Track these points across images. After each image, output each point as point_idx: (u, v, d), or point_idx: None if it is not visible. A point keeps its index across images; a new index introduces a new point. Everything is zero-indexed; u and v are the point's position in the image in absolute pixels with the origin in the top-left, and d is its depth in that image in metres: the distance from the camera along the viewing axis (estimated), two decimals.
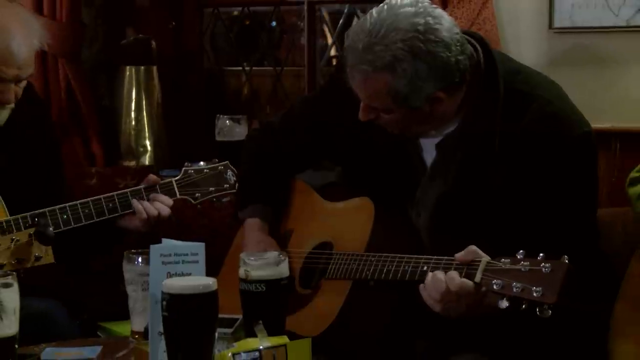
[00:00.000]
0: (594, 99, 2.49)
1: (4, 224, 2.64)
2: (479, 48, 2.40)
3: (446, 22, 2.30)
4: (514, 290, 2.08)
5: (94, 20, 3.95)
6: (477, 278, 2.15)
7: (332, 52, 4.04)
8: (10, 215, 2.67)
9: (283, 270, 2.25)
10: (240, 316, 2.27)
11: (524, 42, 3.02)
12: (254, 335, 2.15)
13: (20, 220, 2.65)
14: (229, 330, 2.29)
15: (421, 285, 2.23)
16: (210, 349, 1.93)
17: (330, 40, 4.03)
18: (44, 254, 2.43)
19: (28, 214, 2.67)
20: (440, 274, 2.19)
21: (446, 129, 2.43)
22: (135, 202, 2.74)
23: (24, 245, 2.41)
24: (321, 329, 2.45)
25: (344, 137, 2.60)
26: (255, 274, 2.22)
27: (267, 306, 2.21)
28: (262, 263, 2.23)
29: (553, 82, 2.46)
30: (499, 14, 3.13)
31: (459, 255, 2.19)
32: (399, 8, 2.29)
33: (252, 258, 2.24)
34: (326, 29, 4.02)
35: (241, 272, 2.24)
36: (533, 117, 2.34)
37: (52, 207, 2.70)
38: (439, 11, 2.32)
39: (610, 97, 2.96)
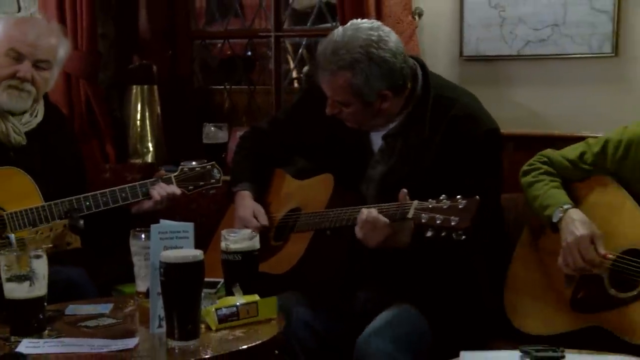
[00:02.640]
0: (494, 111, 2.52)
1: (40, 209, 2.62)
2: (417, 65, 2.50)
3: (394, 37, 2.40)
4: (437, 221, 2.15)
5: (107, 50, 3.90)
6: (410, 214, 2.20)
7: (294, 74, 4.03)
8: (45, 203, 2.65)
9: (255, 243, 2.25)
10: (221, 279, 2.26)
11: (440, 67, 3.03)
12: (232, 294, 2.15)
13: (52, 207, 2.63)
14: (213, 291, 2.28)
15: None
16: (198, 305, 1.93)
17: (292, 66, 4.02)
18: (74, 241, 2.45)
19: (59, 201, 2.64)
20: (364, 209, 2.26)
21: (390, 125, 2.49)
22: (152, 190, 2.73)
23: (60, 234, 2.41)
24: (287, 268, 2.48)
25: (314, 134, 2.64)
26: (233, 246, 2.22)
27: (243, 272, 2.22)
28: (238, 238, 2.23)
29: (471, 93, 2.55)
30: (421, 46, 3.15)
31: (400, 196, 2.24)
32: (359, 24, 2.40)
33: (231, 234, 2.24)
34: (289, 57, 4.01)
35: (222, 245, 2.23)
36: (455, 114, 2.42)
37: (78, 196, 2.67)
38: (388, 29, 2.41)
39: (506, 109, 2.97)
